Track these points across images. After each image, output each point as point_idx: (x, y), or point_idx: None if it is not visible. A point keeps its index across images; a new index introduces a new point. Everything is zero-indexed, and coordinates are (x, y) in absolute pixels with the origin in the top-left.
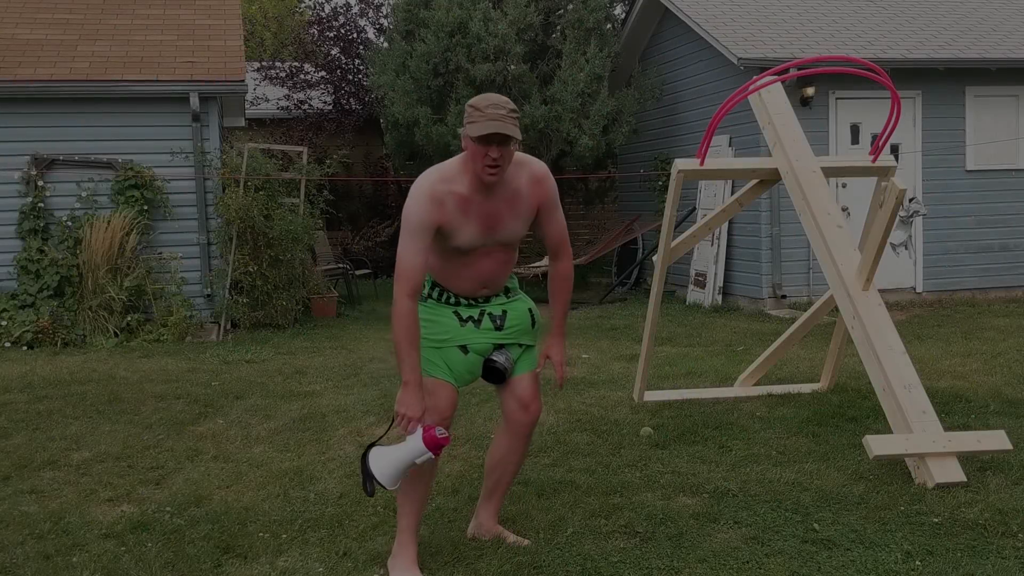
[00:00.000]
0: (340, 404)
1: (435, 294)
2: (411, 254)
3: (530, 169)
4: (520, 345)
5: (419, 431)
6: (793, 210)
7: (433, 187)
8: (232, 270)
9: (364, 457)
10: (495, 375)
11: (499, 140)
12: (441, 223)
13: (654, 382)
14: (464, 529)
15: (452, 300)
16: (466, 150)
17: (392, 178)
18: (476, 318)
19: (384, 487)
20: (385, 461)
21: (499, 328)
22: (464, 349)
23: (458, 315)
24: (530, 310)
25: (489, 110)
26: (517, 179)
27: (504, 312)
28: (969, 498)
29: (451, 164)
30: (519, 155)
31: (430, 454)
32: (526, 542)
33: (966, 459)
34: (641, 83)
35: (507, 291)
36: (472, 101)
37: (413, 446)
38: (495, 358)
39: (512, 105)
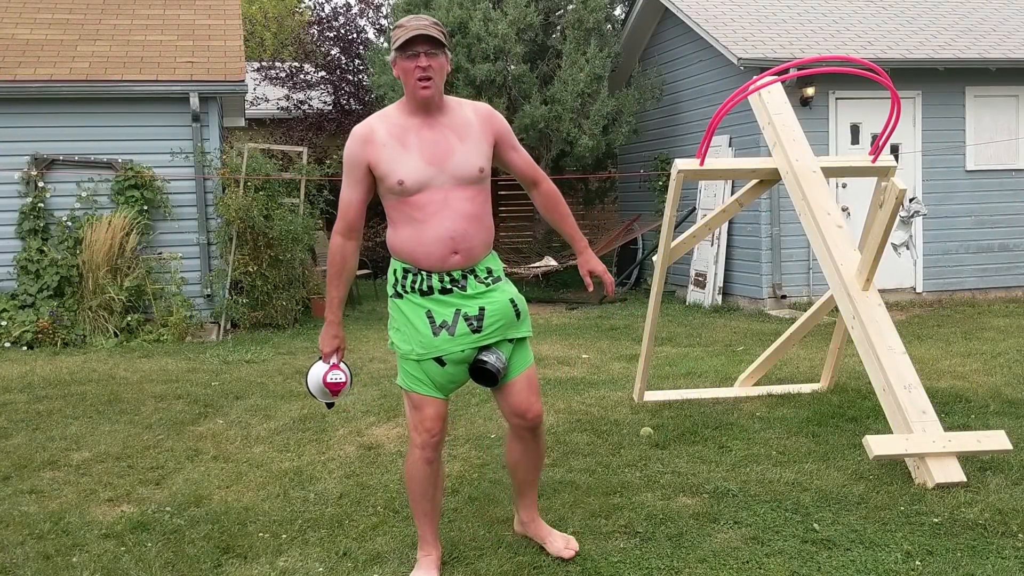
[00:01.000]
0: (340, 404)
1: (408, 282)
2: (344, 192)
3: (473, 105)
4: (510, 341)
5: (328, 365)
6: (793, 210)
7: (367, 123)
8: (232, 270)
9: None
10: (486, 377)
11: (426, 48)
12: (371, 159)
13: (654, 382)
14: (464, 529)
15: (425, 286)
16: (399, 76)
17: None
18: (450, 323)
19: (311, 393)
20: (313, 373)
21: (477, 330)
22: (440, 361)
23: (431, 319)
24: (512, 300)
25: (412, 23)
26: (462, 111)
27: (481, 310)
28: (969, 498)
29: (392, 105)
30: (458, 98)
31: (329, 394)
32: (571, 553)
33: (966, 459)
34: (641, 83)
35: (489, 273)
36: (397, 23)
37: (318, 374)
38: (484, 358)
39: (436, 20)
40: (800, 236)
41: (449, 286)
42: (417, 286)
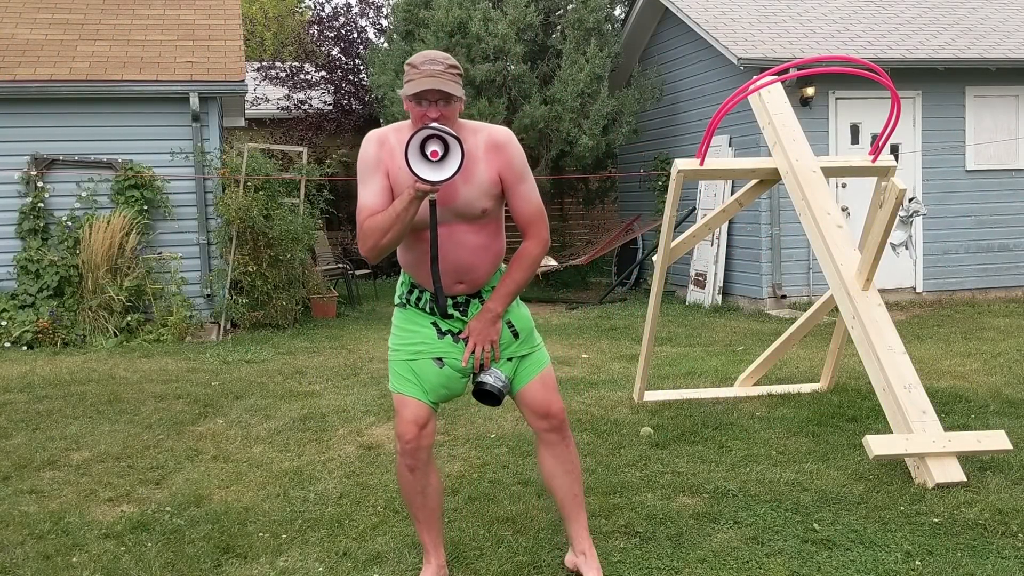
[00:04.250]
0: (340, 404)
1: (413, 298)
2: (366, 196)
3: (488, 134)
4: (509, 359)
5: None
6: (793, 210)
7: (381, 130)
8: (232, 270)
9: None
10: (487, 398)
11: (436, 98)
12: (388, 161)
13: (654, 382)
14: (464, 529)
15: (428, 308)
16: (408, 111)
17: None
18: (455, 333)
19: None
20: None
21: None
22: (439, 361)
23: (437, 327)
24: (509, 322)
25: (425, 66)
26: (473, 145)
27: None
28: (969, 498)
29: (407, 121)
30: (477, 123)
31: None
32: None
33: (966, 459)
34: (641, 83)
35: None
36: (410, 59)
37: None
38: (484, 379)
39: (452, 61)
40: (800, 236)
41: (451, 311)
42: (421, 305)
